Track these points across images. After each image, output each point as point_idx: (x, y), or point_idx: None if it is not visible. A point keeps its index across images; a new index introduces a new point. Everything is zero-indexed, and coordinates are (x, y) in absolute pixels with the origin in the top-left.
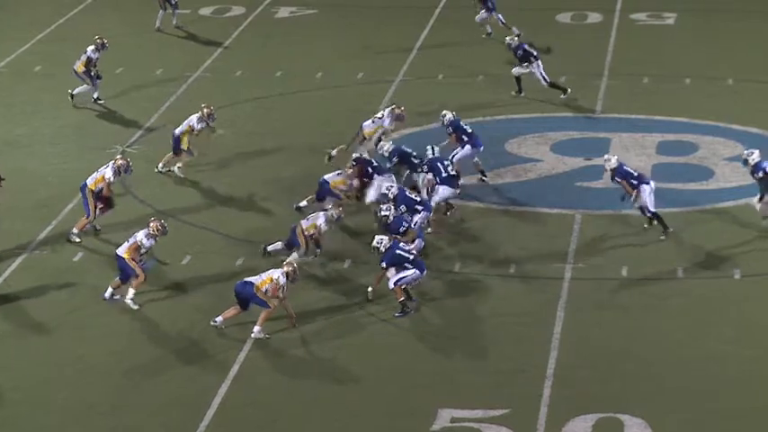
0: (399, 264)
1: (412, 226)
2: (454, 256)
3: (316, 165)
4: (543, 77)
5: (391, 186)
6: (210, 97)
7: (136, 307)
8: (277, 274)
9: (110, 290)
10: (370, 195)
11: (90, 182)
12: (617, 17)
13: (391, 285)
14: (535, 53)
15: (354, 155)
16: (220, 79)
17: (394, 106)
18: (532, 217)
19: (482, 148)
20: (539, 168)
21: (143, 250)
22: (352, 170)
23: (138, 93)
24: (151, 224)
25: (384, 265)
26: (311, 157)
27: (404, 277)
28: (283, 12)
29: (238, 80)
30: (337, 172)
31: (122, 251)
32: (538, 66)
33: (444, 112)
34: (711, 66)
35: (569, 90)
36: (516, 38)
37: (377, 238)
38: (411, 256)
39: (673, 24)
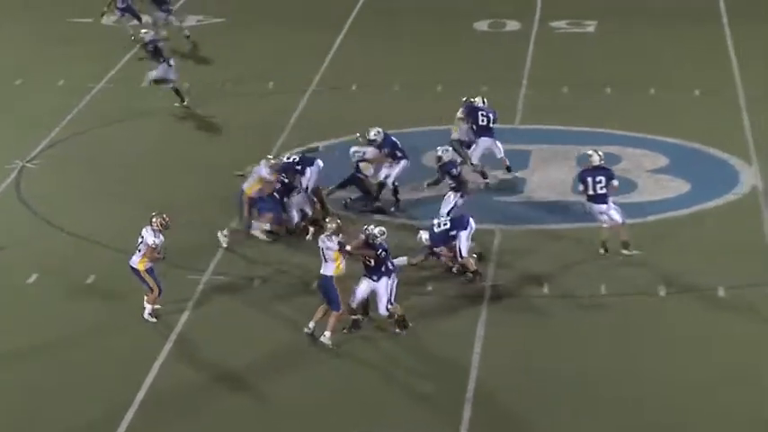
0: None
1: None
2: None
3: (228, 177)
4: (173, 79)
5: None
6: (115, 109)
7: (153, 320)
8: (333, 246)
9: (148, 306)
10: (294, 217)
11: (246, 186)
12: (536, 25)
13: (465, 254)
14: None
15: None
16: (125, 90)
17: None
18: None
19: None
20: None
21: (158, 249)
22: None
23: (38, 105)
24: (153, 220)
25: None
26: (221, 170)
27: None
28: (190, 20)
29: (144, 91)
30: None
31: (135, 262)
32: (171, 65)
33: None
34: (633, 75)
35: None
36: (150, 32)
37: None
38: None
39: (593, 32)
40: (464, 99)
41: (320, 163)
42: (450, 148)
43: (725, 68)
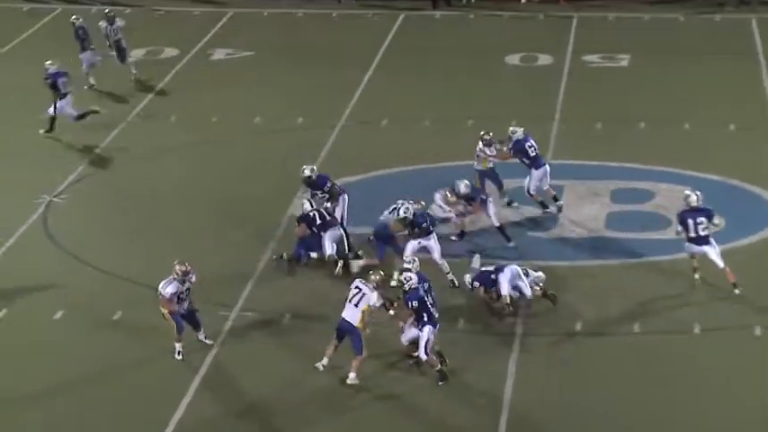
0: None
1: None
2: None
3: (256, 213)
4: (72, 114)
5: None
6: (142, 143)
7: (179, 358)
8: (373, 300)
9: (177, 345)
10: (328, 249)
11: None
12: (568, 59)
13: (504, 293)
14: (63, 90)
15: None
16: (153, 124)
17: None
18: None
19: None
20: (488, 218)
21: (174, 298)
22: (298, 228)
23: (65, 139)
24: (175, 267)
25: (477, 284)
26: (250, 206)
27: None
28: (219, 54)
29: (172, 125)
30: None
31: (162, 308)
32: (67, 102)
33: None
34: (667, 110)
35: (97, 109)
36: (54, 65)
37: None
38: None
39: (626, 66)
40: (482, 133)
41: (346, 195)
42: (410, 205)
43: (760, 104)
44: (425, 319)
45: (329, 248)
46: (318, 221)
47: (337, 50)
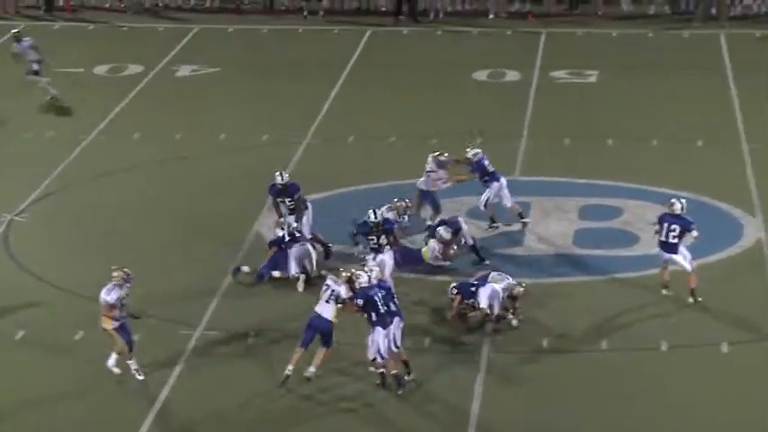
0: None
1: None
2: (364, 326)
3: (221, 231)
4: None
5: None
6: (106, 161)
7: (141, 378)
8: (341, 294)
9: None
10: (292, 269)
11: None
12: (536, 75)
13: (483, 305)
14: None
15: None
16: (117, 142)
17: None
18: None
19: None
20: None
21: (118, 304)
22: (269, 251)
23: (26, 157)
24: (114, 274)
25: (455, 291)
26: (215, 224)
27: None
28: (184, 70)
29: (136, 143)
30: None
31: (103, 324)
32: None
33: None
34: (635, 126)
35: None
36: None
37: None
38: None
39: (595, 82)
40: (437, 153)
41: (310, 207)
42: (386, 209)
43: (728, 119)
44: (374, 319)
45: (293, 268)
46: (287, 239)
47: (303, 66)
